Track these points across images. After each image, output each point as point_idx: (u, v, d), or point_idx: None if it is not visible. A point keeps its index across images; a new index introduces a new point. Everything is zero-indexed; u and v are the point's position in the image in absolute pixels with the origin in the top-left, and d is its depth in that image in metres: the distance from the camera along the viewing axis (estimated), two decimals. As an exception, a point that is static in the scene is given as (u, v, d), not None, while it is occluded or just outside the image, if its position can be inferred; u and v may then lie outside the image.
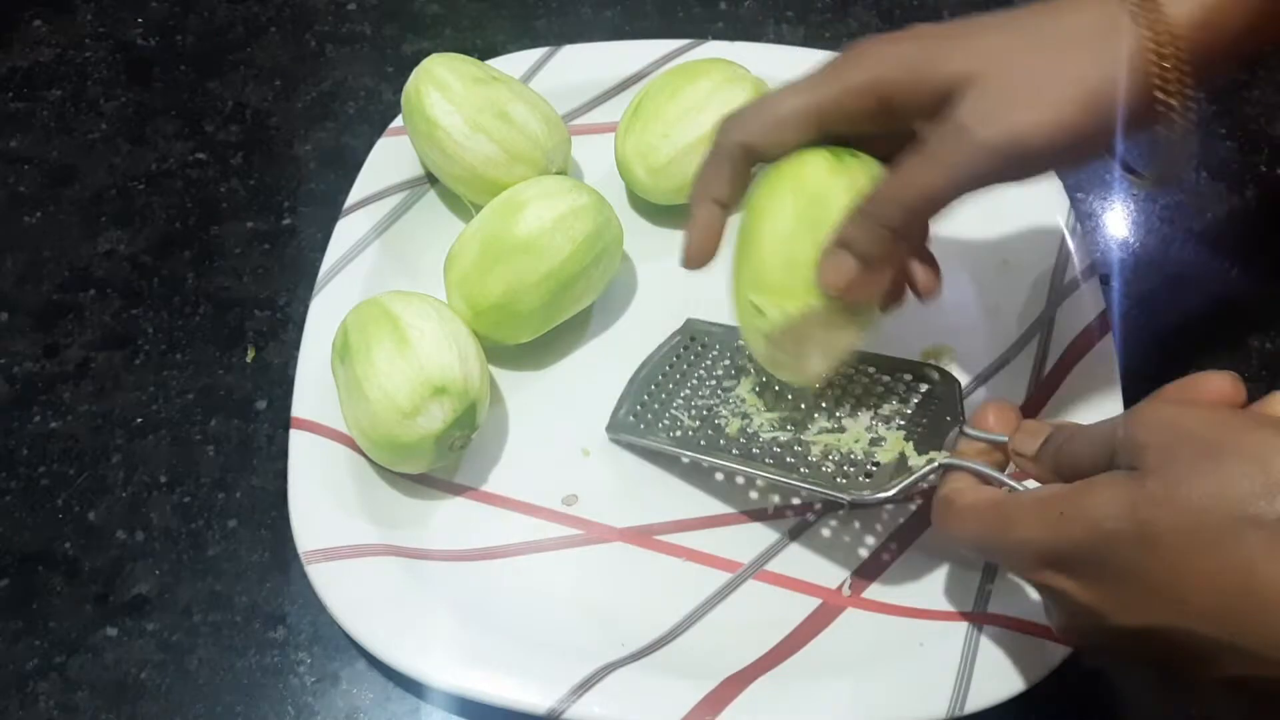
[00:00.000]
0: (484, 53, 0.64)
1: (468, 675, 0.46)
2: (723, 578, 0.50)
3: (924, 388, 0.49)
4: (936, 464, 0.45)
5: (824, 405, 0.50)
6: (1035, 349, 0.56)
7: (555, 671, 0.46)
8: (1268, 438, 0.33)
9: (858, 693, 0.46)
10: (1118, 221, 0.63)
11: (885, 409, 0.49)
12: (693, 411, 0.52)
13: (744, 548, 0.51)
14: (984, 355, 0.56)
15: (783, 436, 0.49)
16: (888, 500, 0.47)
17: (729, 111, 0.46)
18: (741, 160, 0.45)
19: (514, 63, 0.64)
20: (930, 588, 0.49)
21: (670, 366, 0.55)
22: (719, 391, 0.53)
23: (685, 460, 0.53)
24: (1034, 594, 0.47)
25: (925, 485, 0.46)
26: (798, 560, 0.51)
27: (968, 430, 0.46)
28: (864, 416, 0.49)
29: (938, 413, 0.48)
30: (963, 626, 0.47)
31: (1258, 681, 0.34)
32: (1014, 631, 0.47)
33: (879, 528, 0.52)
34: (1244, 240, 0.63)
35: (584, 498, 0.53)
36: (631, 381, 0.55)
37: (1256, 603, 0.32)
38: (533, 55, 0.65)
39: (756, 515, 0.52)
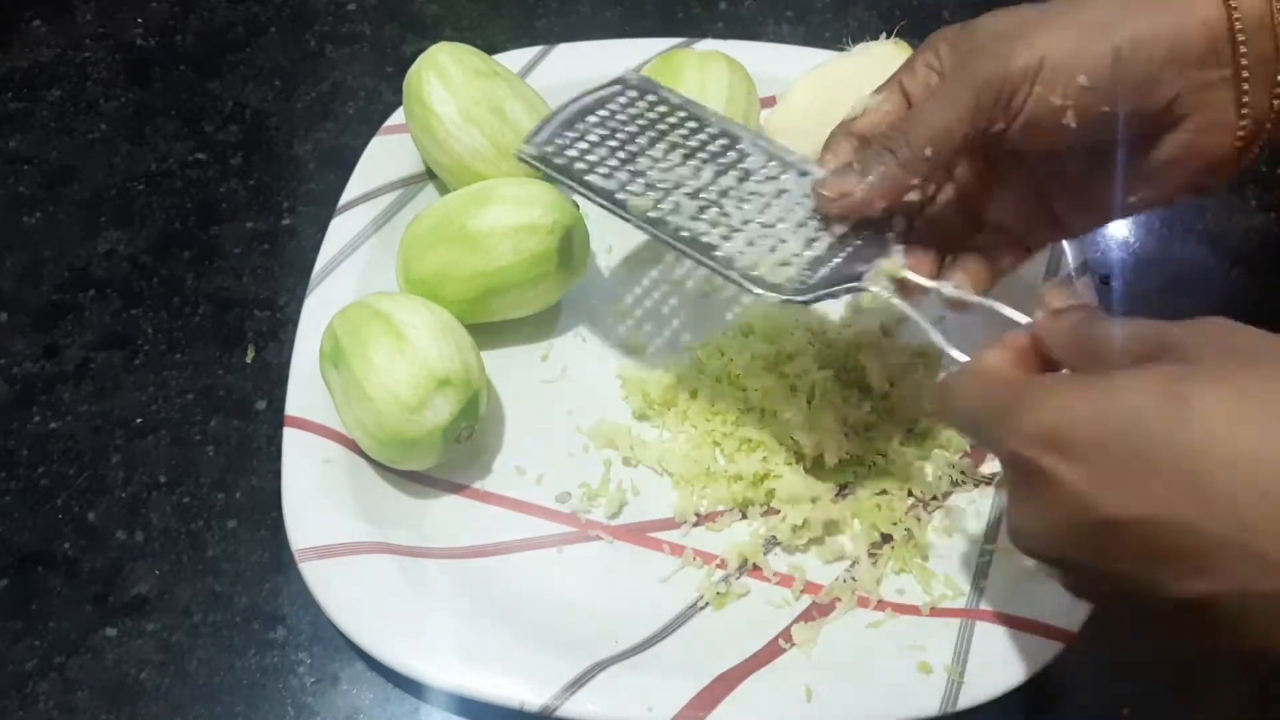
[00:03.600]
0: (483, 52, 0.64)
1: (460, 671, 0.46)
2: (715, 575, 0.50)
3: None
4: (866, 279, 0.44)
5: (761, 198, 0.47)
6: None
7: (548, 668, 0.46)
8: None
9: (850, 690, 0.46)
10: (1118, 221, 0.63)
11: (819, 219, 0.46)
12: (618, 159, 0.49)
13: (736, 545, 0.51)
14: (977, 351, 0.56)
15: (705, 216, 0.46)
16: (795, 301, 0.44)
17: (860, 117, 0.46)
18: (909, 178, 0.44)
19: (509, 61, 0.63)
20: (922, 585, 0.50)
21: (610, 112, 0.51)
22: (650, 156, 0.49)
23: (590, 197, 0.48)
24: (1027, 590, 0.48)
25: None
26: (790, 558, 0.51)
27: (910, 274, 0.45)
28: (798, 216, 0.46)
29: (877, 237, 0.46)
30: (955, 623, 0.48)
31: (1239, 596, 0.31)
32: (1006, 628, 0.47)
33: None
34: (1244, 240, 0.63)
35: (577, 495, 0.53)
36: (559, 111, 0.51)
37: None
38: (527, 54, 0.65)
39: (749, 513, 0.52)
